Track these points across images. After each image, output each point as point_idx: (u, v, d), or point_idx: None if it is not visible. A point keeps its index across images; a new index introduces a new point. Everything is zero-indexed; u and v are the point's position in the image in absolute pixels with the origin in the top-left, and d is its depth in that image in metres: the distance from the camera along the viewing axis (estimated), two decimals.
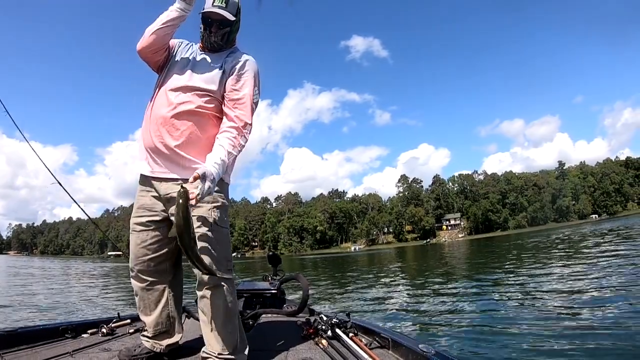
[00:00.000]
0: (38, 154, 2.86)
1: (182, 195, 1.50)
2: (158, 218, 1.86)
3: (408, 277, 14.96)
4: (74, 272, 29.24)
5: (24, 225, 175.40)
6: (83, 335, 2.28)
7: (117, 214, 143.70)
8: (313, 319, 2.37)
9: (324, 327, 2.21)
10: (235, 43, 2.00)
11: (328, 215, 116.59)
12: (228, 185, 1.93)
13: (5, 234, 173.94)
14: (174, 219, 1.53)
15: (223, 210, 1.83)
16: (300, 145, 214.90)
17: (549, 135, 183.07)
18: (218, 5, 1.82)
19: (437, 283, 11.40)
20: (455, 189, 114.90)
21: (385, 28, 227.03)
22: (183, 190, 1.50)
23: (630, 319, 4.92)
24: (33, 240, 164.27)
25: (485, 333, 5.07)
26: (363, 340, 2.03)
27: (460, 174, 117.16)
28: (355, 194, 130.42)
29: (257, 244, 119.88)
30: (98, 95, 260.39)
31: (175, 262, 1.97)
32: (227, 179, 1.90)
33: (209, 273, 1.67)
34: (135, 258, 1.87)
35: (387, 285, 12.21)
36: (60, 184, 2.91)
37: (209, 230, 1.74)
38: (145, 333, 1.94)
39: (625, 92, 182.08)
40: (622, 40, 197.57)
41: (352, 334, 2.10)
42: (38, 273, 26.78)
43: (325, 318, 2.31)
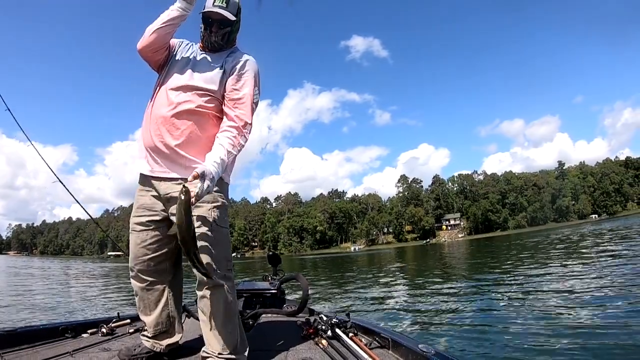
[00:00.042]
0: (39, 153, 2.88)
1: (183, 194, 1.50)
2: (158, 218, 1.86)
3: (408, 277, 14.96)
4: (74, 272, 29.24)
5: (24, 226, 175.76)
6: (83, 335, 2.28)
7: (116, 214, 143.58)
8: (313, 319, 2.37)
9: (324, 327, 2.21)
10: (236, 43, 2.00)
11: (328, 216, 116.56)
12: (228, 185, 1.93)
13: (5, 234, 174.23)
14: (176, 217, 1.54)
15: (223, 210, 1.83)
16: (300, 145, 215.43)
17: (549, 135, 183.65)
18: (219, 5, 1.82)
19: (436, 283, 11.40)
20: (455, 189, 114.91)
21: (385, 28, 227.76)
22: (185, 190, 1.51)
23: (630, 318, 4.93)
24: (33, 241, 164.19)
25: (485, 333, 5.07)
26: (363, 340, 2.03)
27: (460, 174, 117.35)
28: (355, 194, 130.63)
29: (256, 244, 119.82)
30: (98, 95, 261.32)
31: (175, 262, 1.97)
32: (226, 179, 1.90)
33: (205, 275, 1.67)
34: (135, 258, 1.87)
35: (386, 285, 12.21)
36: (62, 183, 2.92)
37: (209, 230, 1.74)
38: (145, 333, 1.94)
39: (625, 92, 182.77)
40: (622, 40, 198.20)
41: (352, 334, 2.10)
42: (38, 273, 26.79)
43: (325, 318, 2.31)
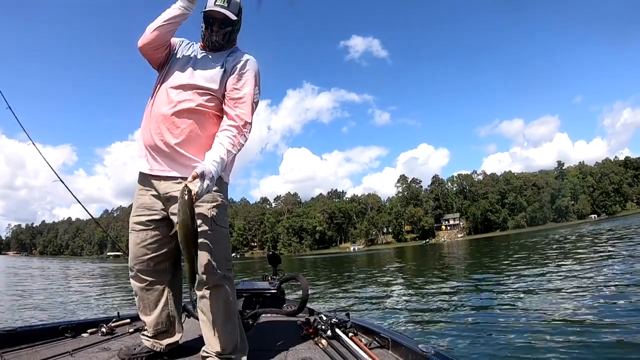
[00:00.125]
0: (40, 152, 2.89)
1: (186, 194, 1.51)
2: (158, 217, 1.86)
3: (407, 277, 14.95)
4: (73, 272, 29.23)
5: (23, 226, 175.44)
6: (83, 335, 2.29)
7: (116, 214, 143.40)
8: (313, 319, 2.37)
9: (324, 327, 2.21)
10: (236, 43, 2.00)
11: (327, 216, 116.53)
12: (227, 185, 1.93)
13: (5, 235, 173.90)
14: (177, 217, 1.54)
15: (222, 210, 1.83)
16: (300, 146, 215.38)
17: (549, 135, 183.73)
18: (220, 5, 1.82)
19: (436, 283, 11.40)
20: (455, 189, 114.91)
21: (385, 28, 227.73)
22: (187, 190, 1.51)
23: (629, 318, 4.94)
24: (32, 241, 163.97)
25: (485, 332, 5.07)
26: (363, 340, 2.03)
27: (460, 174, 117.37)
28: (355, 194, 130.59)
29: (256, 244, 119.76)
30: (98, 95, 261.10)
31: (175, 261, 1.97)
32: (226, 178, 1.90)
33: (196, 282, 1.70)
34: (135, 257, 1.87)
35: (386, 285, 12.21)
36: (62, 182, 2.95)
37: (209, 230, 1.74)
38: (145, 332, 1.94)
39: (625, 92, 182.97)
40: (622, 40, 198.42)
41: (351, 334, 2.10)
42: (37, 273, 26.77)
43: (325, 318, 2.31)
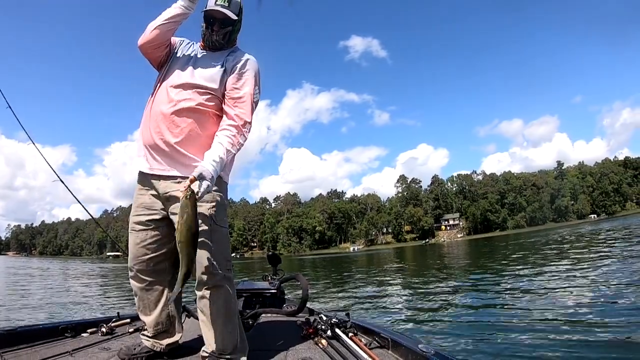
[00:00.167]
0: (40, 151, 2.90)
1: (189, 196, 1.51)
2: (158, 217, 1.85)
3: (407, 277, 14.95)
4: (73, 272, 29.20)
5: (23, 226, 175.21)
6: (82, 335, 2.29)
7: (116, 215, 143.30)
8: (313, 319, 2.37)
9: (324, 327, 2.22)
10: (237, 43, 2.00)
11: (327, 216, 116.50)
12: (227, 185, 1.93)
13: (4, 235, 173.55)
14: (179, 217, 1.53)
15: (222, 210, 1.83)
16: (299, 146, 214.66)
17: (548, 135, 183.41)
18: (221, 4, 1.82)
19: (435, 283, 11.40)
20: (454, 189, 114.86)
21: (384, 28, 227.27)
22: (191, 191, 1.52)
23: (628, 317, 4.94)
24: (32, 241, 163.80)
25: (485, 332, 5.07)
26: (362, 340, 2.03)
27: (459, 174, 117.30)
28: (354, 194, 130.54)
29: (256, 245, 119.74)
30: (98, 95, 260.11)
31: (175, 261, 1.96)
32: (226, 178, 1.90)
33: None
34: (135, 257, 1.87)
35: (386, 285, 12.21)
36: (62, 181, 2.96)
37: (208, 230, 1.74)
38: (145, 332, 1.94)
39: (624, 92, 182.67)
40: (622, 40, 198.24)
41: (351, 334, 2.10)
42: (37, 273, 26.74)
43: (325, 318, 2.31)
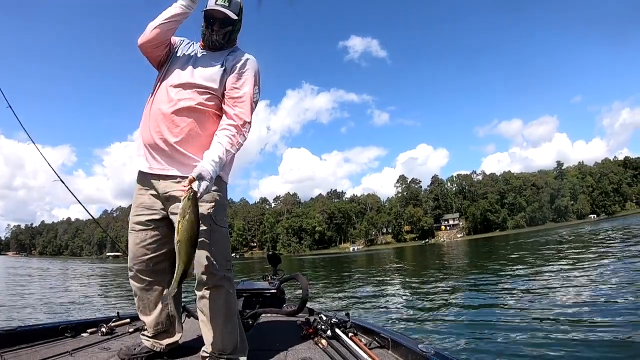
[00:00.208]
0: (40, 151, 2.91)
1: (191, 197, 1.51)
2: (157, 217, 1.85)
3: (407, 277, 14.96)
4: (73, 272, 29.19)
5: (23, 226, 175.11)
6: (82, 335, 2.28)
7: (115, 215, 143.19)
8: (312, 319, 2.37)
9: (324, 326, 2.22)
10: (237, 42, 2.00)
11: (327, 216, 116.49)
12: (226, 185, 1.93)
13: (4, 235, 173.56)
14: (183, 218, 1.53)
15: (222, 210, 1.83)
16: (299, 146, 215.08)
17: (548, 136, 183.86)
18: (221, 4, 1.82)
19: (435, 283, 11.40)
20: (454, 189, 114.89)
21: (384, 28, 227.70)
22: (192, 192, 1.52)
23: (627, 317, 4.95)
24: (32, 241, 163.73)
25: (485, 332, 5.07)
26: (362, 340, 2.03)
27: (459, 174, 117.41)
28: (354, 195, 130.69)
29: (255, 245, 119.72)
30: (98, 95, 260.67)
31: (174, 262, 1.97)
32: (225, 178, 1.90)
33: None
34: (134, 257, 1.86)
35: (386, 285, 12.21)
36: (62, 181, 2.97)
37: (208, 230, 1.74)
38: (145, 332, 1.94)
39: (624, 92, 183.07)
40: (622, 40, 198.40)
41: (351, 334, 2.10)
42: (37, 273, 26.73)
43: (325, 318, 2.31)
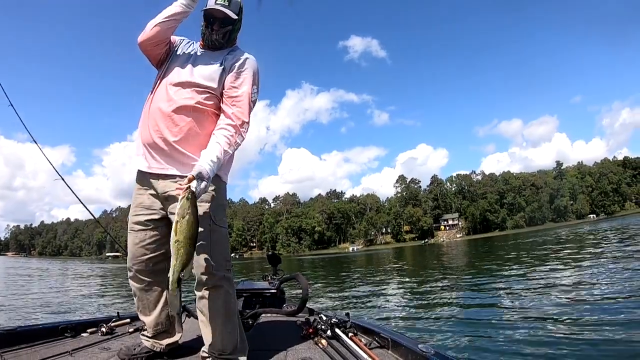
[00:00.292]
0: (41, 149, 2.92)
1: (189, 197, 1.51)
2: (157, 217, 1.85)
3: (406, 277, 14.96)
4: (73, 272, 29.17)
5: (22, 227, 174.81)
6: (82, 335, 2.28)
7: (115, 215, 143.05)
8: (312, 319, 2.37)
9: (324, 327, 2.22)
10: (236, 42, 2.00)
11: (326, 216, 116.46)
12: (226, 185, 1.93)
13: (3, 235, 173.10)
14: (185, 218, 1.53)
15: (221, 210, 1.83)
16: (299, 146, 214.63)
17: (547, 136, 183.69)
18: (221, 4, 1.82)
19: (435, 283, 11.41)
20: (454, 189, 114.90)
21: (384, 28, 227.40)
22: (191, 192, 1.52)
23: (626, 315, 4.96)
24: (31, 242, 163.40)
25: (485, 332, 5.08)
26: (362, 340, 2.04)
27: (458, 174, 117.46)
28: (354, 195, 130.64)
29: (255, 245, 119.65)
30: (98, 95, 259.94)
31: None
32: (224, 178, 1.90)
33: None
34: (134, 257, 1.86)
35: (385, 285, 12.21)
36: (64, 180, 3.00)
37: (208, 230, 1.74)
38: (145, 332, 1.94)
39: (624, 92, 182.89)
40: (622, 40, 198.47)
41: (351, 334, 2.10)
42: (36, 274, 26.70)
43: (325, 318, 2.32)
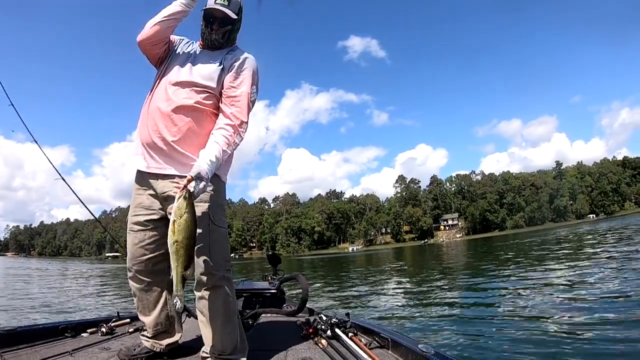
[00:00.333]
0: (42, 148, 2.93)
1: (187, 197, 1.51)
2: (156, 217, 1.85)
3: (406, 277, 14.97)
4: (72, 273, 29.16)
5: (22, 227, 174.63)
6: (82, 335, 2.29)
7: (114, 215, 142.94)
8: (312, 319, 2.37)
9: (324, 327, 2.22)
10: (236, 42, 2.00)
11: (326, 216, 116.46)
12: (225, 184, 1.92)
13: (3, 236, 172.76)
14: (183, 218, 1.53)
15: (220, 210, 1.83)
16: (298, 146, 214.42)
17: (547, 136, 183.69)
18: (221, 3, 1.82)
19: (435, 283, 11.41)
20: (453, 189, 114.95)
21: (383, 28, 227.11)
22: (188, 192, 1.52)
23: (625, 315, 4.96)
24: (31, 242, 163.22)
25: (485, 332, 5.07)
26: (362, 340, 2.04)
27: (458, 174, 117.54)
28: (353, 195, 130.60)
29: (255, 245, 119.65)
30: (98, 95, 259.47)
31: None
32: (224, 178, 1.90)
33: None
34: (133, 258, 1.86)
35: (385, 285, 12.21)
36: (63, 178, 3.00)
37: (207, 230, 1.74)
38: (145, 333, 1.94)
39: (623, 92, 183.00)
40: (622, 40, 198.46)
41: (351, 334, 2.11)
42: (36, 274, 26.69)
43: (325, 318, 2.31)
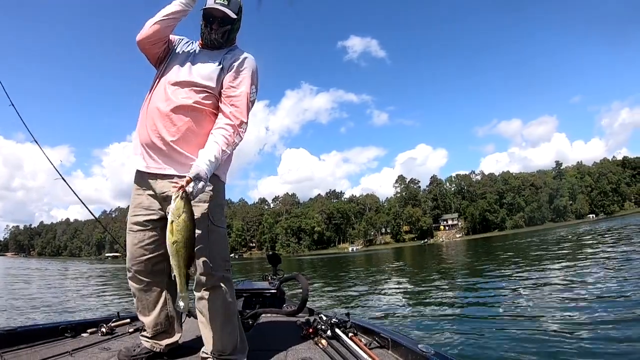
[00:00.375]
0: (42, 148, 2.93)
1: (184, 197, 1.51)
2: (155, 217, 1.85)
3: (406, 277, 14.97)
4: (72, 273, 29.15)
5: (21, 227, 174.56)
6: (82, 335, 2.29)
7: (114, 215, 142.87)
8: (312, 319, 2.37)
9: (324, 327, 2.22)
10: (235, 42, 2.00)
11: (325, 216, 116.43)
12: (224, 184, 1.92)
13: (3, 236, 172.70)
14: (181, 219, 1.52)
15: (220, 210, 1.83)
16: (298, 146, 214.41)
17: (547, 136, 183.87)
18: (220, 3, 1.82)
19: (435, 283, 11.42)
20: (453, 189, 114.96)
21: (383, 28, 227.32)
22: (185, 193, 1.51)
23: (622, 315, 4.97)
24: (30, 242, 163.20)
25: (484, 332, 5.08)
26: (362, 340, 2.04)
27: (458, 174, 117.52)
28: (353, 195, 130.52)
29: (254, 245, 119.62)
30: (98, 95, 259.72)
31: None
32: (223, 178, 1.90)
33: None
34: (133, 258, 1.86)
35: (385, 285, 12.21)
36: (63, 178, 3.00)
37: (206, 230, 1.74)
38: (145, 333, 1.94)
39: (623, 92, 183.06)
40: (622, 40, 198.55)
41: (351, 334, 2.11)
42: (36, 274, 26.68)
43: (325, 318, 2.31)
